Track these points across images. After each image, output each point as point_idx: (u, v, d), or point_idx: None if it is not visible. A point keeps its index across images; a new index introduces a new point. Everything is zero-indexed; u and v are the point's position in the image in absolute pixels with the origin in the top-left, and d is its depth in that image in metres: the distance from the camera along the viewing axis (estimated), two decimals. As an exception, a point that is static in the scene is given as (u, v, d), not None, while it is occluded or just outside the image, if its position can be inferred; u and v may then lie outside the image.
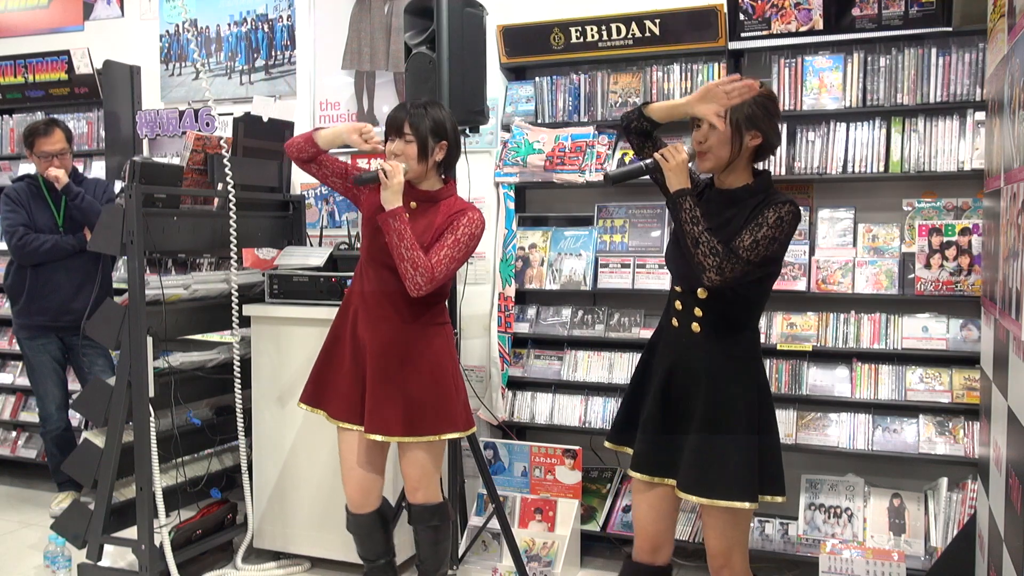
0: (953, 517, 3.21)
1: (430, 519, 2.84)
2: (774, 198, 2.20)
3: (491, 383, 3.84)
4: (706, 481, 2.22)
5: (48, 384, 4.11)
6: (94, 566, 3.29)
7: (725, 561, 2.31)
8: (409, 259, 2.58)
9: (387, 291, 2.71)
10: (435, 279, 2.60)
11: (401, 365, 2.71)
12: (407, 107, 2.72)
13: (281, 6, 4.47)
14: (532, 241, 3.88)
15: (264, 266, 3.94)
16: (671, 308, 2.36)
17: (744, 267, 2.14)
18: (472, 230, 2.68)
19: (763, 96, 2.22)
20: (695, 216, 2.18)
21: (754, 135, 2.22)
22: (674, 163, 2.22)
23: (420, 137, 2.67)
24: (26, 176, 4.12)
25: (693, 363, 2.28)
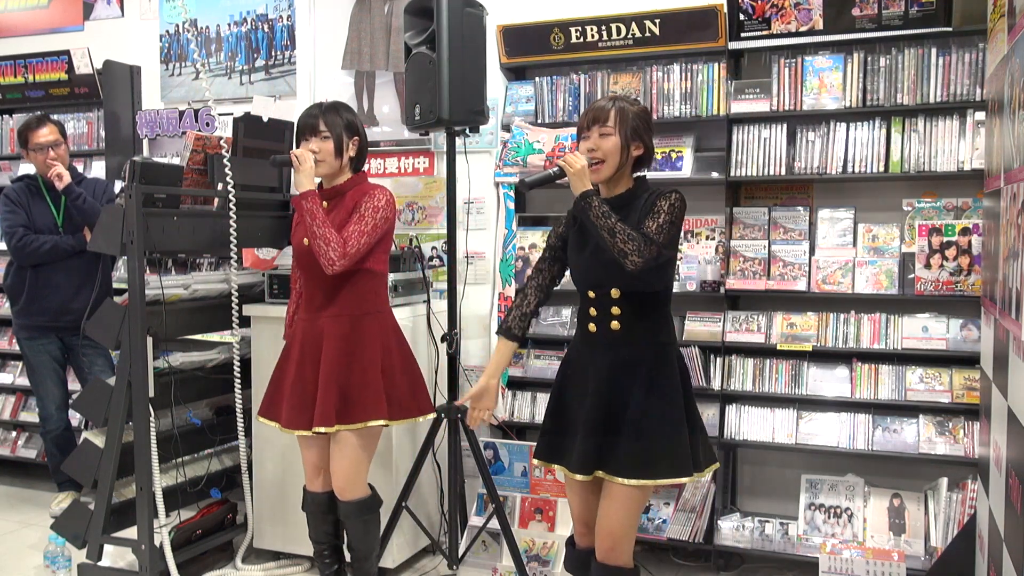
0: (953, 517, 3.21)
1: (361, 514, 2.94)
2: (660, 190, 2.40)
3: (491, 383, 3.83)
4: (648, 463, 2.33)
5: (48, 384, 4.11)
6: (94, 566, 3.29)
7: (624, 535, 2.40)
8: (321, 236, 2.72)
9: (317, 290, 2.88)
10: (347, 253, 2.72)
11: (338, 357, 2.83)
12: (320, 108, 2.88)
13: (281, 6, 4.47)
14: (532, 241, 3.88)
15: (264, 266, 3.94)
16: (585, 316, 2.48)
17: (658, 248, 2.31)
18: (375, 203, 2.81)
19: (643, 111, 2.46)
20: (605, 211, 2.31)
21: (637, 146, 2.43)
22: (578, 168, 2.36)
23: (336, 134, 2.84)
24: (25, 176, 4.12)
25: (622, 357, 2.40)
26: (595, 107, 2.43)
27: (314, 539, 3.06)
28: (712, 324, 3.57)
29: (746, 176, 3.53)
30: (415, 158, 4.10)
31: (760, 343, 3.50)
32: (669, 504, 3.61)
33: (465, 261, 3.87)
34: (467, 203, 3.87)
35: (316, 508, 3.01)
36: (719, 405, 3.52)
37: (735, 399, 3.55)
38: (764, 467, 3.72)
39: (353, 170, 2.94)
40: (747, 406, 3.53)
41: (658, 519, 3.58)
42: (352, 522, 2.96)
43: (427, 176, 4.07)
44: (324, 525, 3.03)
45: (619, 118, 2.39)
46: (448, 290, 3.36)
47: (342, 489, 2.91)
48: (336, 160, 2.86)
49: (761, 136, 3.51)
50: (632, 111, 2.42)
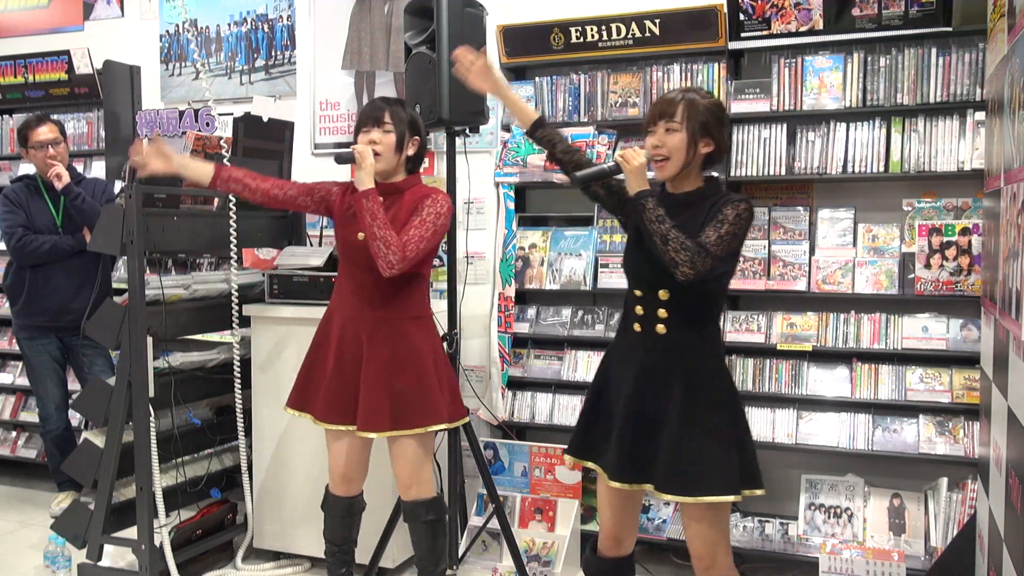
0: (953, 517, 3.21)
1: (424, 514, 2.85)
2: (729, 197, 2.27)
3: (491, 383, 3.84)
4: (687, 480, 2.23)
5: (48, 384, 4.11)
6: (94, 566, 3.29)
7: (711, 561, 2.31)
8: (381, 238, 2.61)
9: (365, 289, 2.78)
10: (407, 257, 2.63)
11: (385, 361, 2.76)
12: (387, 100, 2.81)
13: (281, 6, 4.47)
14: (532, 241, 3.88)
15: (264, 266, 3.94)
16: (631, 313, 2.37)
17: (713, 261, 2.18)
18: (437, 209, 2.72)
19: (715, 105, 2.31)
20: (660, 215, 2.20)
21: (707, 142, 2.29)
22: (635, 165, 2.26)
23: (399, 129, 2.75)
24: (25, 176, 4.12)
25: (662, 365, 2.30)
26: (663, 100, 2.29)
27: (328, 538, 3.00)
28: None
29: (746, 176, 3.53)
30: (415, 158, 4.09)
31: (760, 343, 3.50)
32: (669, 504, 3.61)
33: (465, 261, 3.87)
34: (467, 203, 3.87)
35: (336, 511, 2.95)
36: (719, 405, 3.51)
37: (735, 399, 3.55)
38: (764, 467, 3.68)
39: (408, 172, 2.85)
40: (747, 406, 3.50)
41: (658, 519, 3.58)
42: (416, 525, 2.87)
43: (427, 176, 4.06)
44: (342, 529, 2.97)
45: (688, 112, 2.25)
46: (448, 290, 3.36)
47: (405, 488, 2.84)
48: (395, 156, 2.76)
49: (761, 136, 3.51)
50: (703, 104, 2.27)
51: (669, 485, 2.25)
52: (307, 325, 3.42)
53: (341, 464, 2.90)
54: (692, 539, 2.32)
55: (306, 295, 3.49)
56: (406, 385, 2.75)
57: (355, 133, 2.80)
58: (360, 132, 2.77)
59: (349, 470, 2.90)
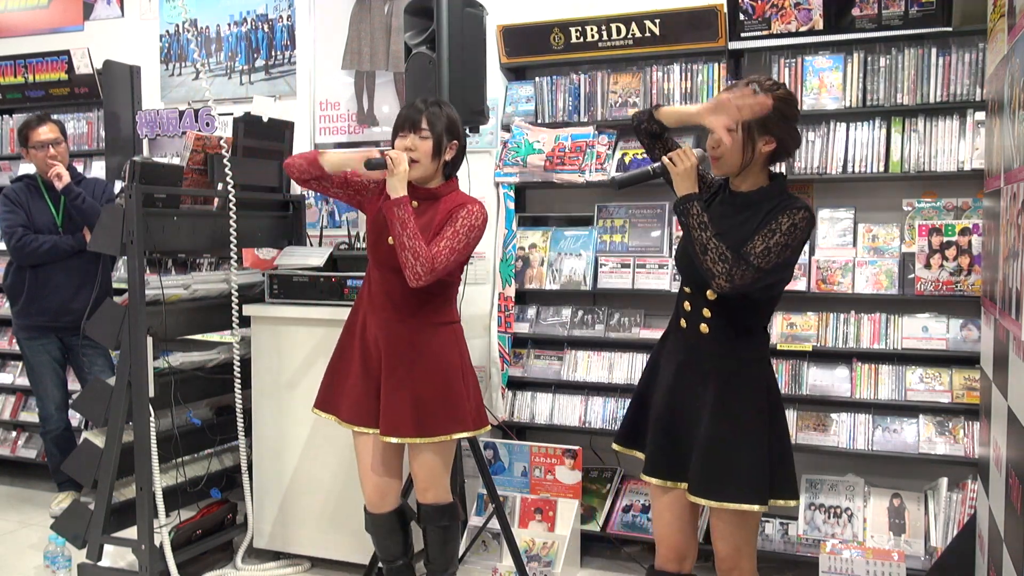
0: (953, 517, 3.21)
1: (440, 519, 2.83)
2: (789, 203, 2.16)
3: (491, 383, 3.84)
4: (715, 483, 2.20)
5: (48, 384, 4.11)
6: (94, 566, 3.29)
7: (734, 564, 2.29)
8: (410, 248, 2.55)
9: (393, 292, 2.72)
10: (435, 269, 2.57)
11: (410, 366, 2.71)
12: (425, 103, 2.71)
13: (281, 6, 4.47)
14: (532, 241, 3.88)
15: (264, 266, 3.94)
16: (680, 308, 2.33)
17: (755, 274, 2.10)
18: (472, 221, 2.65)
19: (779, 100, 2.16)
20: (703, 222, 2.14)
21: (767, 140, 2.17)
22: (682, 168, 2.19)
23: (436, 134, 2.67)
24: (25, 176, 4.12)
25: (701, 364, 2.26)
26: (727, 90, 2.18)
27: (381, 557, 2.93)
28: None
29: (746, 176, 3.53)
30: (415, 158, 4.09)
31: (760, 343, 3.50)
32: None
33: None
34: (467, 203, 3.87)
35: (380, 529, 2.88)
36: (719, 405, 3.51)
37: (735, 399, 3.55)
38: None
39: (445, 176, 2.78)
40: (747, 406, 3.53)
41: (658, 519, 3.58)
42: (430, 527, 2.84)
43: (427, 176, 4.07)
44: (392, 545, 2.90)
45: None
46: (448, 290, 3.35)
47: (423, 492, 2.81)
48: (433, 163, 2.68)
49: (761, 136, 3.51)
50: None
51: (697, 487, 2.22)
52: (307, 325, 3.43)
53: (373, 476, 2.81)
54: (717, 540, 2.29)
55: (306, 295, 3.49)
56: (433, 392, 2.70)
57: (392, 136, 2.73)
58: (397, 136, 2.70)
59: (381, 482, 2.82)
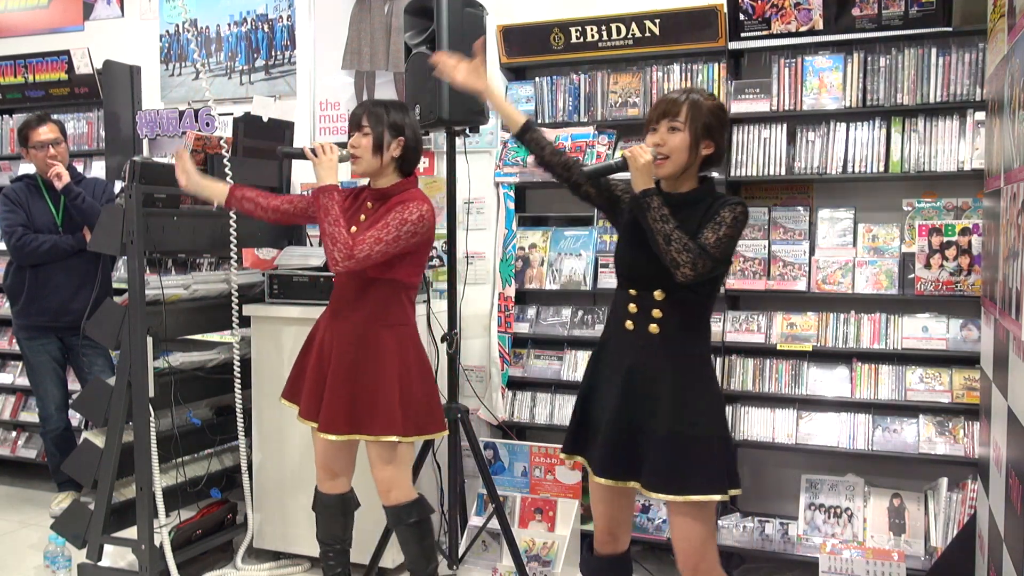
0: (953, 517, 3.21)
1: (408, 517, 2.87)
2: (726, 200, 2.28)
3: (491, 383, 3.84)
4: (678, 478, 2.25)
5: (48, 384, 4.11)
6: (94, 566, 3.29)
7: (700, 557, 2.32)
8: (329, 234, 2.64)
9: (345, 291, 2.82)
10: (353, 255, 2.62)
11: (352, 364, 2.78)
12: (369, 103, 2.83)
13: (281, 6, 4.47)
14: (532, 241, 3.88)
15: (264, 266, 3.94)
16: (622, 311, 2.36)
17: (713, 263, 2.20)
18: (405, 215, 2.68)
19: (719, 108, 2.31)
20: (664, 214, 2.21)
21: (708, 144, 2.29)
22: (642, 162, 2.25)
23: (376, 131, 2.76)
24: (25, 176, 4.12)
25: (654, 364, 2.30)
26: (667, 99, 2.28)
27: (321, 539, 3.01)
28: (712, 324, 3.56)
29: (746, 176, 3.53)
30: (415, 158, 4.09)
31: (760, 343, 3.50)
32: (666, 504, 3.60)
33: (465, 261, 3.87)
34: (467, 203, 3.87)
35: (325, 509, 2.96)
36: (719, 405, 3.52)
37: (735, 399, 3.55)
38: (764, 467, 3.72)
39: (402, 174, 2.84)
40: (747, 406, 3.53)
41: (658, 519, 3.58)
42: (399, 529, 2.89)
43: (427, 176, 4.07)
44: (333, 528, 2.98)
45: (691, 113, 2.24)
46: (448, 290, 3.36)
47: (385, 494, 2.85)
48: (375, 158, 2.76)
49: (761, 136, 3.51)
50: (707, 106, 2.26)
51: (658, 484, 2.26)
52: (307, 325, 3.41)
53: (322, 459, 2.93)
54: (679, 539, 2.32)
55: (306, 295, 3.49)
56: (365, 392, 2.77)
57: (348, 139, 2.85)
58: (350, 137, 2.83)
59: (333, 464, 2.92)
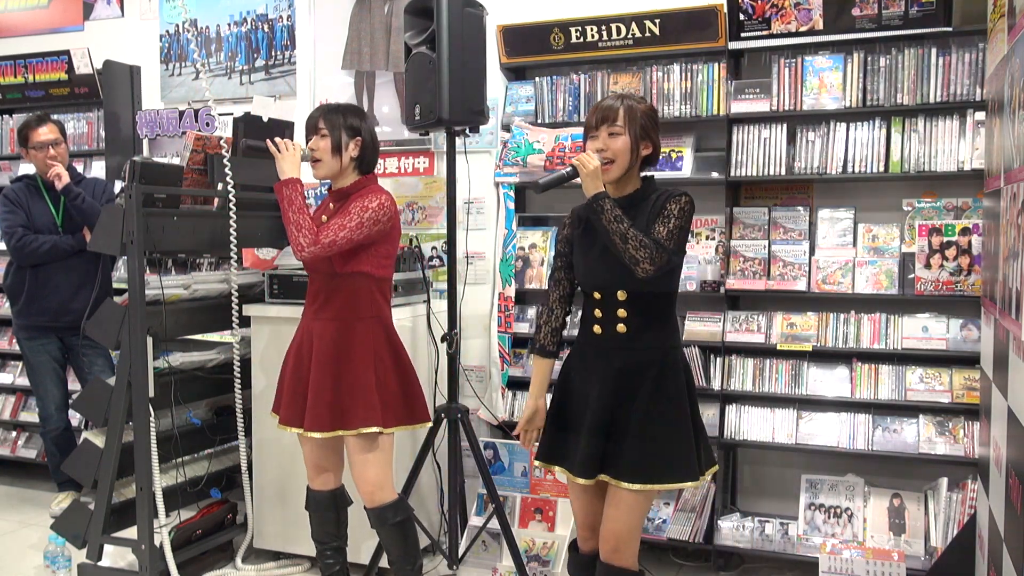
0: (953, 517, 3.21)
1: (392, 517, 2.90)
2: (669, 192, 2.37)
3: (491, 383, 3.84)
4: (654, 468, 2.32)
5: (48, 384, 4.11)
6: (94, 566, 3.29)
7: (629, 539, 2.39)
8: (294, 222, 2.74)
9: (319, 291, 2.88)
10: (318, 241, 2.71)
11: (332, 360, 2.82)
12: (324, 107, 2.91)
13: (281, 6, 4.47)
14: (532, 241, 3.88)
15: (264, 266, 3.94)
16: (590, 318, 2.44)
17: (668, 255, 2.29)
18: (366, 203, 2.77)
19: (651, 109, 2.43)
20: (618, 215, 2.28)
21: (646, 145, 2.40)
22: (591, 168, 2.32)
23: (334, 134, 2.83)
24: (25, 176, 4.12)
25: (626, 362, 2.37)
26: (603, 106, 2.39)
27: (316, 538, 3.04)
28: (712, 324, 3.57)
29: (746, 176, 3.53)
30: (415, 158, 4.10)
31: (760, 343, 3.50)
32: (669, 504, 3.61)
33: (465, 261, 3.87)
34: (467, 203, 3.87)
35: (318, 506, 3.00)
36: (719, 405, 3.52)
37: (735, 399, 3.55)
38: (764, 467, 3.72)
39: (361, 172, 2.92)
40: (747, 406, 3.53)
41: (658, 519, 3.58)
42: (382, 530, 2.92)
43: (427, 176, 4.07)
44: (326, 525, 3.01)
45: (628, 117, 2.36)
46: (448, 290, 3.36)
47: (368, 496, 2.88)
48: (335, 160, 2.84)
49: (761, 136, 3.51)
50: (640, 109, 2.38)
51: (633, 474, 2.32)
52: (307, 325, 3.43)
53: (313, 457, 2.96)
54: (612, 522, 2.38)
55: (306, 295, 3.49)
56: (345, 386, 2.80)
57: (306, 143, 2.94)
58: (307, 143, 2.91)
59: (322, 461, 2.95)
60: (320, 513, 3.01)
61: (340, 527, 3.04)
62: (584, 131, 2.44)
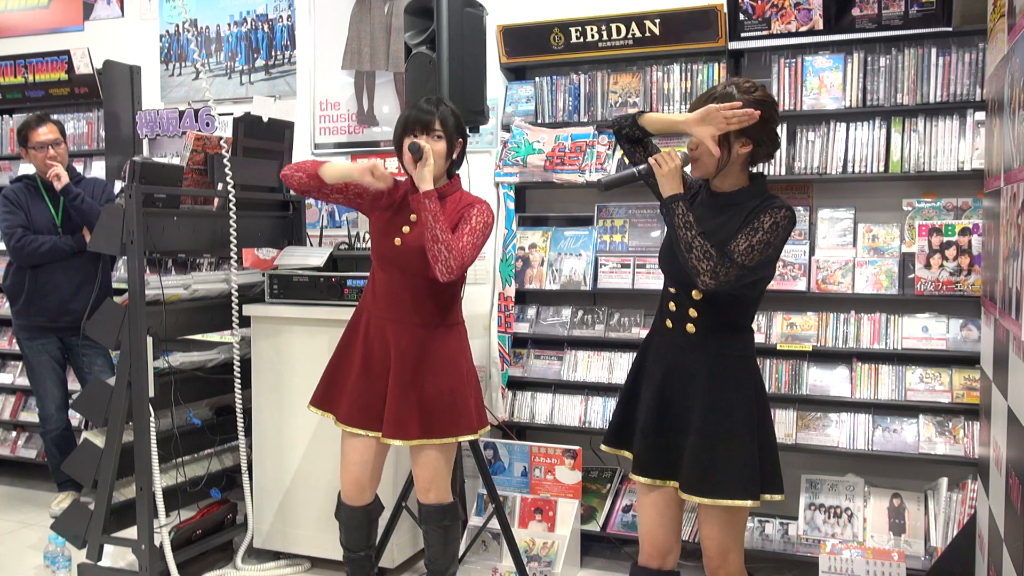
0: (953, 517, 3.21)
1: (441, 519, 2.84)
2: (770, 203, 2.19)
3: (491, 383, 3.84)
4: (709, 481, 2.22)
5: (48, 384, 4.11)
6: (94, 566, 3.29)
7: (722, 562, 2.31)
8: (444, 241, 2.55)
9: (401, 293, 2.73)
10: (464, 263, 2.60)
11: (418, 367, 2.72)
12: (434, 104, 2.70)
13: (281, 6, 4.47)
14: (532, 241, 3.88)
15: (264, 266, 3.94)
16: (665, 309, 2.35)
17: (739, 271, 2.14)
18: (485, 219, 2.69)
19: (755, 102, 2.18)
20: (688, 221, 2.17)
21: (744, 143, 2.20)
22: (667, 169, 2.22)
23: (448, 134, 2.69)
24: (24, 177, 4.12)
25: (689, 364, 2.28)
26: (705, 95, 2.21)
27: (346, 545, 2.95)
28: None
29: (746, 176, 3.53)
30: (415, 158, 4.09)
31: (760, 343, 3.49)
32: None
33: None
34: (467, 203, 3.87)
35: (350, 519, 2.90)
36: (719, 405, 3.51)
37: (735, 399, 3.55)
38: (764, 467, 3.71)
39: (448, 176, 2.79)
40: (747, 406, 3.53)
41: (658, 519, 3.58)
42: (431, 527, 2.86)
43: (427, 176, 4.06)
44: (357, 536, 2.93)
45: None
46: (448, 290, 3.36)
47: (424, 492, 2.82)
48: (444, 163, 2.71)
49: (761, 136, 3.51)
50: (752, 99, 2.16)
51: (691, 486, 2.25)
52: (307, 325, 3.43)
53: (355, 471, 2.83)
54: (706, 538, 2.31)
55: (306, 295, 3.49)
56: (438, 393, 2.71)
57: (398, 134, 2.71)
58: (406, 135, 2.68)
59: (363, 477, 2.83)
60: (352, 527, 2.91)
61: (371, 537, 2.97)
62: None
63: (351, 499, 2.87)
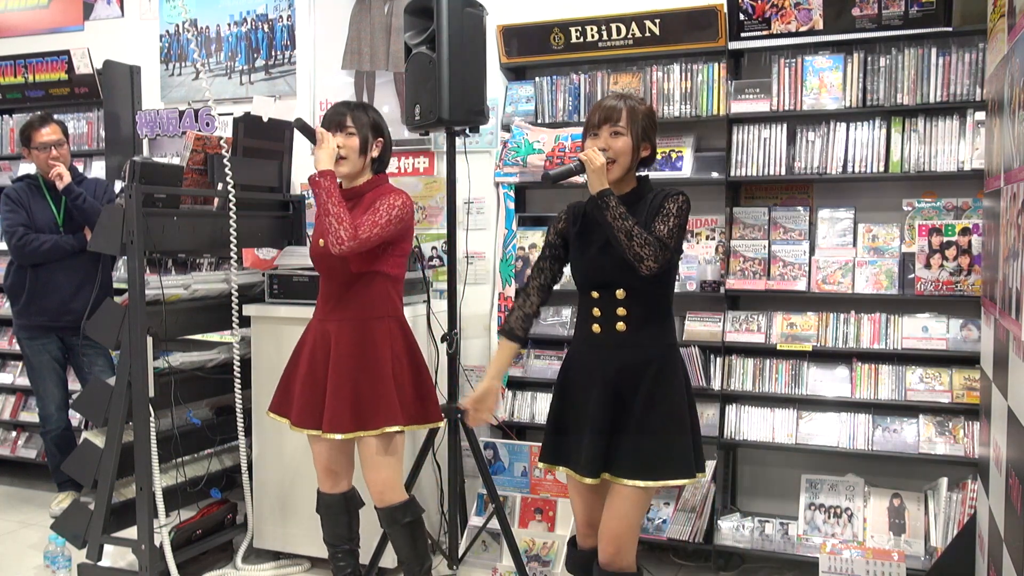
0: (953, 517, 3.21)
1: (402, 517, 2.89)
2: (665, 192, 2.40)
3: (491, 383, 3.83)
4: (653, 465, 2.33)
5: (48, 384, 4.12)
6: (94, 566, 3.29)
7: (629, 539, 2.40)
8: (335, 214, 2.67)
9: (333, 292, 2.85)
10: (357, 236, 2.66)
11: (350, 361, 2.80)
12: (348, 105, 2.88)
13: (281, 6, 4.47)
14: (532, 241, 3.88)
15: (264, 266, 3.94)
16: (588, 317, 2.45)
17: (670, 252, 2.32)
18: (391, 202, 2.76)
19: (651, 111, 2.46)
20: (623, 212, 2.30)
21: (646, 146, 2.43)
22: (597, 165, 2.34)
23: (362, 132, 2.82)
24: (26, 176, 4.12)
25: (626, 360, 2.38)
26: (606, 106, 2.40)
27: (328, 541, 3.02)
28: (712, 324, 3.57)
29: (746, 176, 3.53)
30: (415, 158, 4.10)
31: (760, 343, 3.50)
32: (669, 504, 3.61)
33: (465, 261, 3.87)
34: (467, 203, 3.87)
35: (329, 510, 2.98)
36: (719, 405, 3.52)
37: (735, 399, 3.55)
38: (764, 467, 3.72)
39: (374, 172, 2.90)
40: (747, 406, 3.53)
41: (658, 519, 3.58)
42: (393, 530, 2.92)
43: (427, 176, 4.07)
44: (338, 527, 2.99)
45: (630, 118, 2.38)
46: (448, 290, 3.36)
47: (379, 496, 2.88)
48: (360, 159, 2.83)
49: (761, 136, 3.51)
50: (642, 110, 2.41)
51: (633, 471, 2.33)
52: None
53: (323, 460, 2.94)
54: (612, 519, 2.39)
55: (306, 295, 3.49)
56: (365, 385, 2.79)
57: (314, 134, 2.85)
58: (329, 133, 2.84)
59: (333, 465, 2.93)
60: (332, 517, 2.98)
61: (352, 530, 3.02)
62: (584, 129, 2.45)
63: (327, 487, 2.97)
